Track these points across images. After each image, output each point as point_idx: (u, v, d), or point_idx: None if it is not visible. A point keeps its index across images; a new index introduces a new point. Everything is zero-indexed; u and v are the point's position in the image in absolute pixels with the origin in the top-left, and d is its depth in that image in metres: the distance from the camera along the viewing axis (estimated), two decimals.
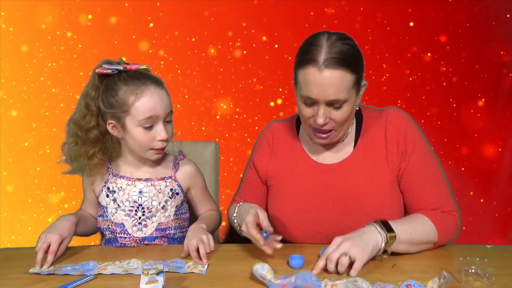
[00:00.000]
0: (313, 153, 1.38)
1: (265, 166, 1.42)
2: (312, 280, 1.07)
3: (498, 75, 2.40)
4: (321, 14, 2.39)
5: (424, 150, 1.33)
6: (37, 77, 2.39)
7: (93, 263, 1.22)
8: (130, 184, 1.39)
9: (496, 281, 1.08)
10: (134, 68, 1.33)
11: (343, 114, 1.24)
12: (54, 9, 2.36)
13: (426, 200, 1.29)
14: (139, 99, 1.29)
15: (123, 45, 2.39)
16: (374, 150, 1.33)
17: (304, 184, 1.35)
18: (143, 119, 1.30)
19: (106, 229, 1.40)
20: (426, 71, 2.41)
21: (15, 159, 2.41)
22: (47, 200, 2.44)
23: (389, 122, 1.32)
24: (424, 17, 2.38)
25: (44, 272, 1.20)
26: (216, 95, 2.44)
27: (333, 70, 1.18)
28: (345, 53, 1.19)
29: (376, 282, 1.08)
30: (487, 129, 2.43)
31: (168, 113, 1.34)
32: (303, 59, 1.22)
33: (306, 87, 1.21)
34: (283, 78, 2.42)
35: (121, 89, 1.30)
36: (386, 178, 1.31)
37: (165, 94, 1.33)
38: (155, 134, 1.32)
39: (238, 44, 2.43)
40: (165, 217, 1.39)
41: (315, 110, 1.24)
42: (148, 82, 1.30)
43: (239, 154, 2.45)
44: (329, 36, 1.21)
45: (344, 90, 1.20)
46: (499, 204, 2.45)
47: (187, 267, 1.19)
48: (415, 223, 1.25)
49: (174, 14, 2.39)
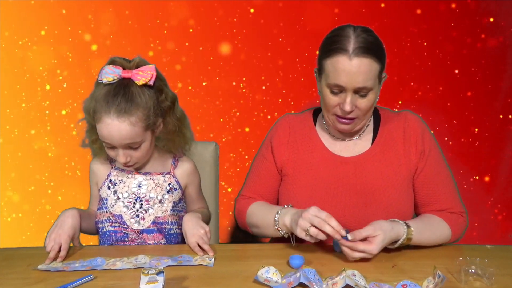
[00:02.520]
0: (330, 145, 1.41)
1: (282, 154, 1.44)
2: (314, 278, 1.07)
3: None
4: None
5: (438, 153, 1.39)
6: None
7: (101, 259, 1.23)
8: (130, 177, 1.41)
9: (496, 281, 1.09)
10: (127, 77, 1.27)
11: (368, 102, 1.28)
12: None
13: (439, 200, 1.35)
14: (97, 123, 1.27)
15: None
16: (392, 147, 1.37)
17: (321, 175, 1.38)
18: (102, 140, 1.30)
19: (105, 221, 1.41)
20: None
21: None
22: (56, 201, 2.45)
23: (408, 123, 1.39)
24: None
25: (53, 269, 1.21)
26: (217, 95, 2.44)
27: (362, 58, 1.23)
28: (372, 43, 1.25)
29: (373, 281, 1.09)
30: (486, 126, 2.43)
31: (128, 144, 1.29)
32: (332, 48, 1.26)
33: (335, 75, 1.25)
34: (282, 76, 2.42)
35: (93, 100, 1.28)
36: (402, 174, 1.35)
37: (126, 127, 1.25)
38: (117, 154, 1.32)
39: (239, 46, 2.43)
40: (162, 211, 1.40)
41: (341, 97, 1.28)
42: (112, 110, 1.24)
43: (239, 154, 2.44)
44: (355, 29, 1.27)
45: (371, 78, 1.25)
46: (499, 204, 2.45)
47: (195, 260, 1.22)
48: (436, 230, 1.31)
49: (185, 12, 2.36)
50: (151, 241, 1.40)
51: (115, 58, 1.31)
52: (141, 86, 1.28)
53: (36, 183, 2.41)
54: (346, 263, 1.19)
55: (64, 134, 2.37)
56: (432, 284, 1.06)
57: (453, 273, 1.13)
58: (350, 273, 1.07)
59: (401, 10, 2.35)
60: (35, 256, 1.29)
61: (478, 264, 1.11)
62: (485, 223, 2.43)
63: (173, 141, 1.42)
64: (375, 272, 1.15)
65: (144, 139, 1.31)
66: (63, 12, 2.31)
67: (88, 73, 2.31)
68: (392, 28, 2.34)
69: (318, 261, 1.21)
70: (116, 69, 1.27)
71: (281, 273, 1.12)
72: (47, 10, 2.31)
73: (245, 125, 2.44)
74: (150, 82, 1.28)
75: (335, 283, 1.06)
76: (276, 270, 1.12)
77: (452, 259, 1.16)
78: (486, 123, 2.43)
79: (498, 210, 2.46)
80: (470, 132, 2.43)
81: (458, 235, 1.35)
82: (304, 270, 1.09)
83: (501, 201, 2.46)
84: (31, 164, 2.39)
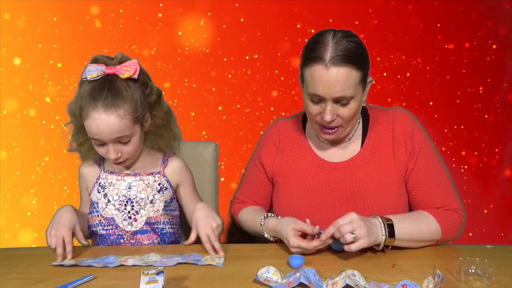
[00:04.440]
0: (320, 151, 1.39)
1: (271, 163, 1.43)
2: (314, 278, 1.07)
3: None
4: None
5: (430, 151, 1.35)
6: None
7: (113, 257, 1.24)
8: (119, 179, 1.41)
9: (496, 281, 1.09)
10: (111, 73, 1.27)
11: (350, 111, 1.25)
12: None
13: (432, 199, 1.32)
14: (85, 119, 1.27)
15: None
16: (381, 149, 1.34)
17: (311, 182, 1.36)
18: (91, 137, 1.30)
19: (97, 225, 1.40)
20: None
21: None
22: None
23: (397, 122, 1.34)
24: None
25: (67, 264, 1.22)
26: (217, 95, 2.44)
27: (339, 68, 1.19)
28: (351, 50, 1.21)
29: (373, 281, 1.09)
30: (486, 129, 2.43)
31: (117, 138, 1.28)
32: (309, 57, 1.23)
33: (313, 85, 1.22)
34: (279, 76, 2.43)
35: (78, 99, 1.28)
36: (392, 177, 1.32)
37: (115, 120, 1.25)
38: (107, 151, 1.32)
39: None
40: (154, 211, 1.40)
41: (322, 107, 1.25)
42: (99, 104, 1.24)
43: (238, 154, 2.44)
44: (335, 34, 1.23)
45: (351, 87, 1.21)
46: (499, 204, 2.45)
47: (204, 259, 1.22)
48: (419, 223, 1.27)
49: (192, 14, 2.37)
50: (146, 241, 1.40)
51: (98, 57, 1.32)
52: (126, 80, 1.29)
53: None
54: (346, 263, 1.19)
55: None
56: (432, 284, 1.06)
57: (453, 273, 1.13)
58: (350, 273, 1.07)
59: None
60: (35, 256, 1.29)
61: (478, 264, 1.11)
62: (485, 223, 2.43)
63: (162, 136, 1.42)
64: (375, 272, 1.15)
65: (133, 132, 1.31)
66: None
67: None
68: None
69: (318, 261, 1.21)
70: (100, 66, 1.28)
71: (281, 273, 1.12)
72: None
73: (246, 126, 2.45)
74: (135, 75, 1.29)
75: (335, 283, 1.06)
76: (276, 270, 1.12)
77: (452, 259, 1.16)
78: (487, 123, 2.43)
79: (498, 210, 2.46)
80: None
81: (452, 232, 1.30)
82: (304, 270, 1.09)
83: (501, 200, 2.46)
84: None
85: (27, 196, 2.40)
